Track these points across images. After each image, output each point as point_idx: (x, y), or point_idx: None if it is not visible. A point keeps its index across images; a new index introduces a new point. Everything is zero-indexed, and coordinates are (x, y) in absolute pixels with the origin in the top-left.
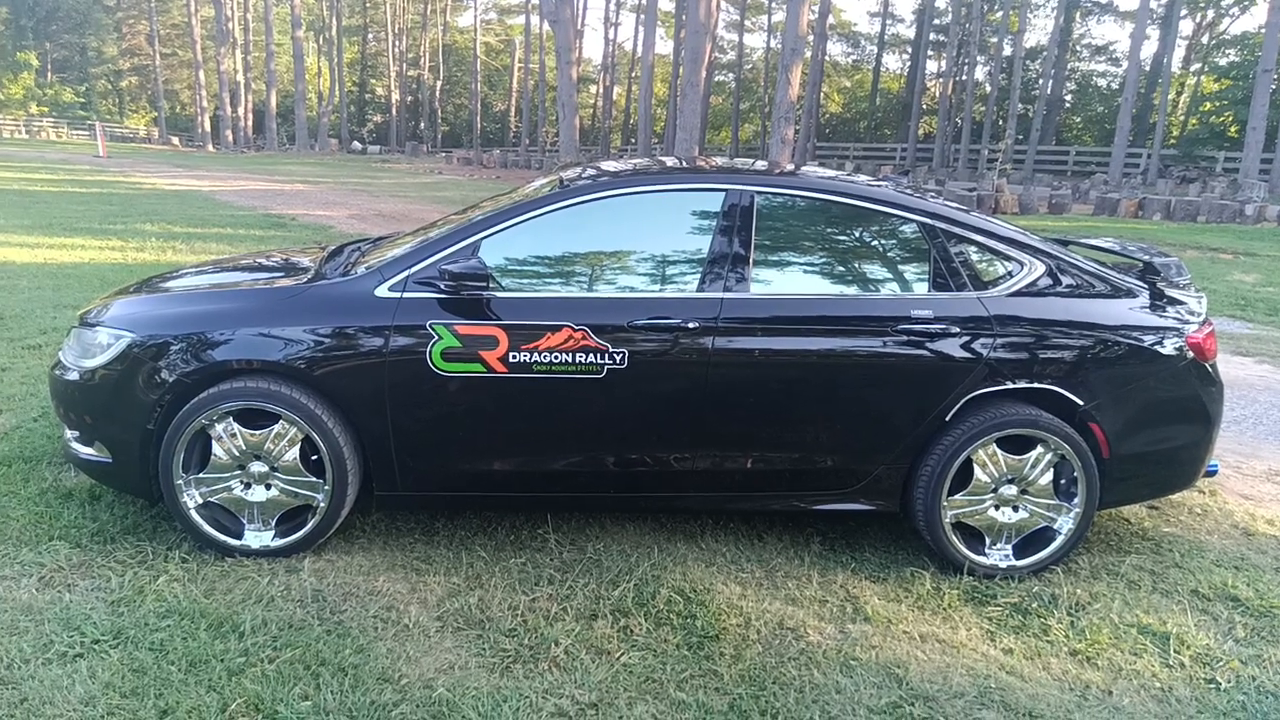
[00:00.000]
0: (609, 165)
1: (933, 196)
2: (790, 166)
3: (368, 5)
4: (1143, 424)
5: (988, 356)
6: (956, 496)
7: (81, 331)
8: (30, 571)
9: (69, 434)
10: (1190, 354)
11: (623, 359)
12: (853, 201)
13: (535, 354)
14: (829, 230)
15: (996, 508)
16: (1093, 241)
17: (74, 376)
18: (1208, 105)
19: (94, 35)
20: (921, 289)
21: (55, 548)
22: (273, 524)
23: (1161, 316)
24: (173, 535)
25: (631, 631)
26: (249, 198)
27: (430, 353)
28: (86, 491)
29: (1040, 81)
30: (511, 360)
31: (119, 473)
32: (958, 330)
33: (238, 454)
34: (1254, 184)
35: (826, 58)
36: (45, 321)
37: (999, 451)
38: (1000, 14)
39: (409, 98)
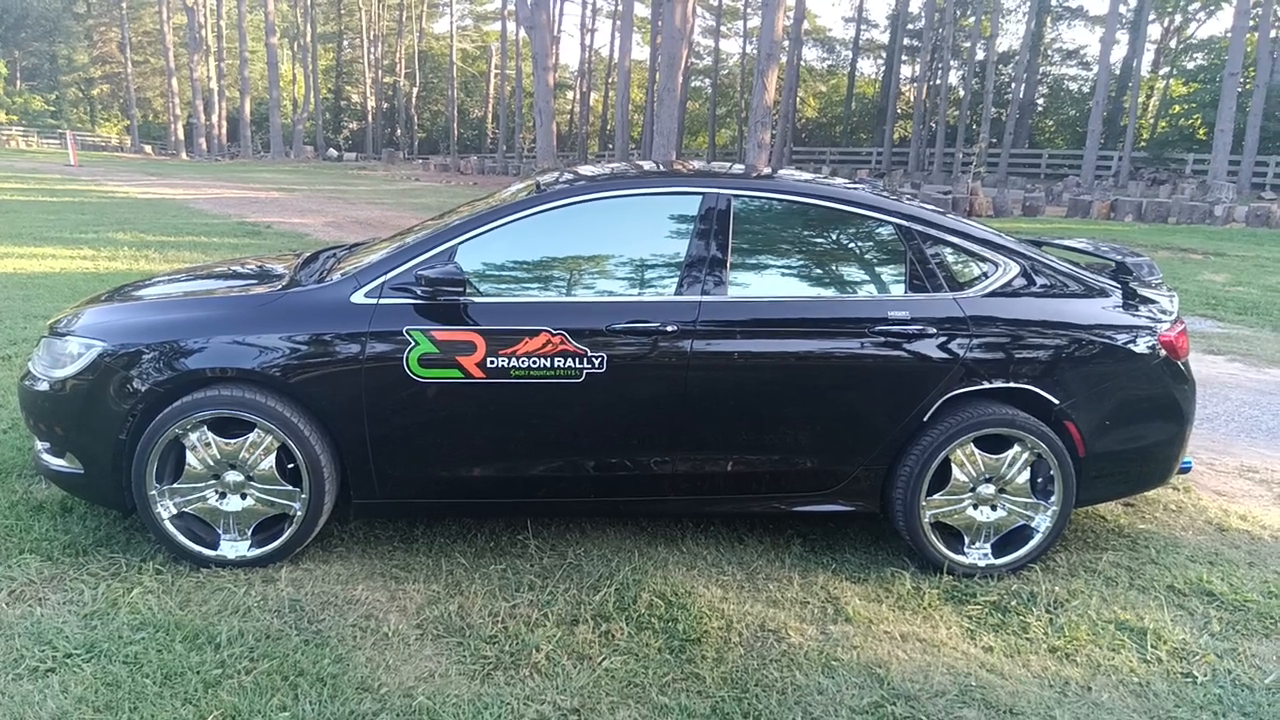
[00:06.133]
0: (586, 170)
1: (908, 199)
2: (767, 170)
3: (342, 12)
4: (1117, 422)
5: (964, 357)
6: (935, 496)
7: (51, 341)
8: (0, 586)
9: (39, 445)
10: (1163, 352)
11: (601, 363)
12: (829, 204)
13: (513, 359)
14: (806, 233)
15: (975, 507)
16: (1066, 242)
17: (44, 387)
18: (1177, 108)
19: (64, 43)
20: (898, 290)
21: (26, 561)
22: (249, 534)
23: (1134, 315)
24: (147, 547)
25: (613, 636)
26: (223, 205)
27: (407, 359)
28: (58, 503)
29: (1013, 85)
30: (489, 365)
31: (91, 484)
32: (934, 331)
33: (212, 463)
34: (1223, 185)
35: (802, 63)
36: (15, 332)
37: (977, 451)
38: (973, 19)
39: (385, 104)
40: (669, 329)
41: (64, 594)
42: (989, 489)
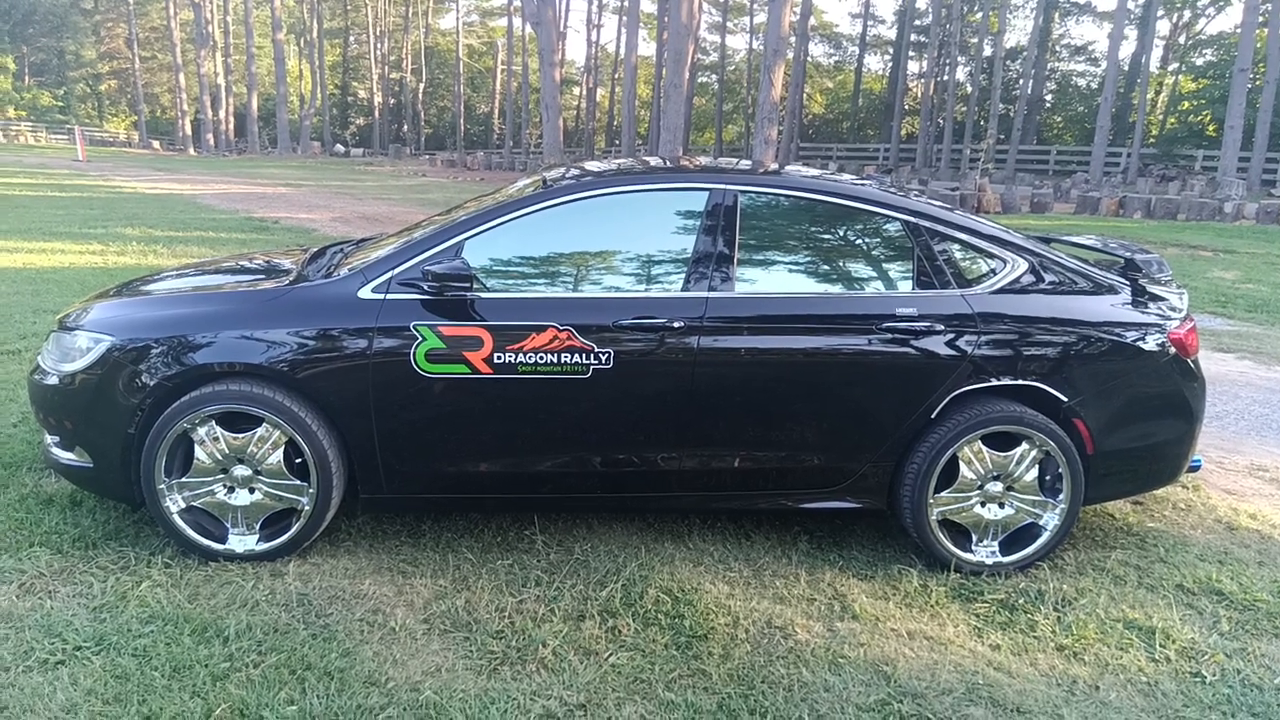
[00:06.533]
0: (592, 165)
1: (916, 195)
2: (774, 166)
3: (349, 7)
4: (1126, 420)
5: (972, 354)
6: (943, 494)
7: (61, 335)
8: (10, 578)
9: (49, 439)
10: (1172, 350)
11: (608, 359)
12: (837, 200)
13: (520, 355)
14: (813, 229)
15: (982, 504)
16: (1075, 239)
17: (53, 381)
18: (1186, 104)
19: (72, 38)
20: (906, 287)
21: (36, 554)
22: (257, 528)
23: (1144, 313)
24: (155, 540)
25: (619, 632)
26: (231, 201)
27: (414, 354)
28: (67, 497)
29: (1021, 81)
30: (496, 361)
31: (100, 478)
32: (942, 328)
33: (221, 458)
34: (1232, 182)
35: (809, 59)
36: (24, 326)
37: (984, 448)
38: (980, 15)
39: (391, 100)
40: (676, 325)
41: (73, 587)
42: (997, 486)
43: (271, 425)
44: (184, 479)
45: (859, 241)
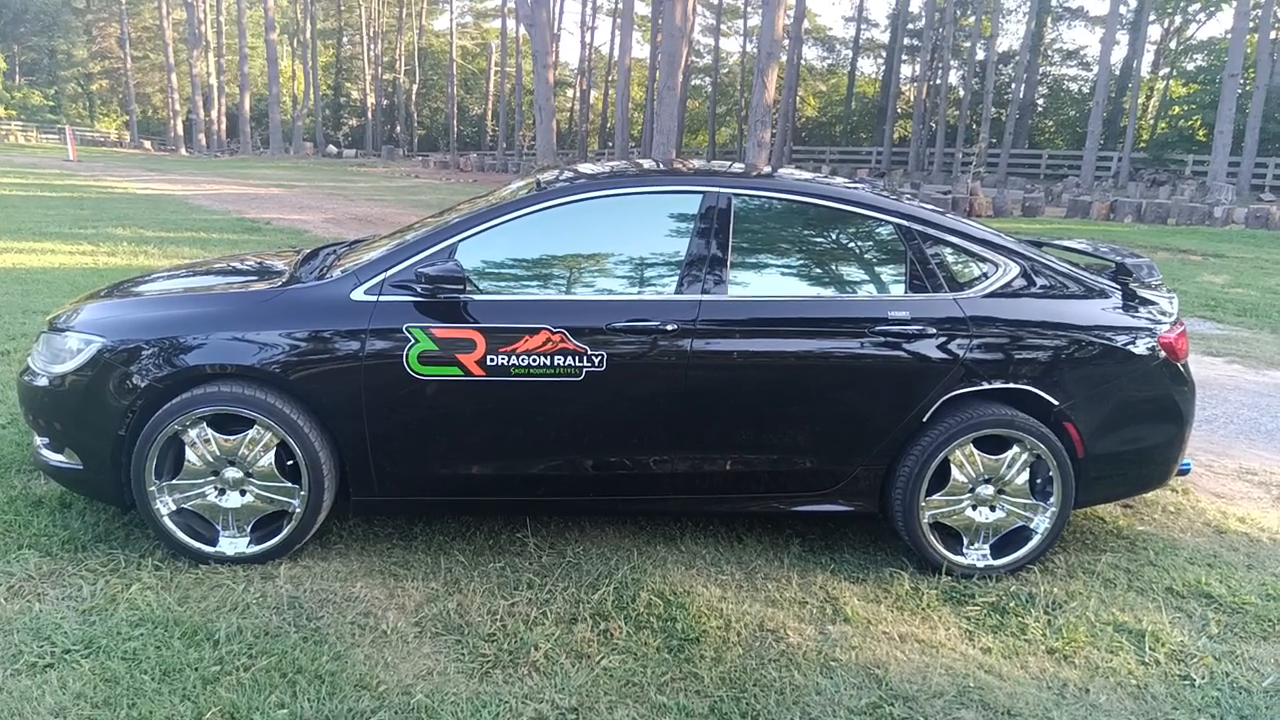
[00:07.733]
0: (586, 168)
1: (908, 199)
2: (767, 169)
3: (342, 8)
4: (1117, 423)
5: (964, 357)
6: (934, 497)
7: (51, 336)
8: None
9: (39, 440)
10: (1162, 354)
11: (601, 362)
12: (829, 203)
13: (513, 357)
14: (806, 232)
15: (974, 508)
16: (1065, 243)
17: (43, 382)
18: (1176, 109)
19: (63, 38)
20: (898, 290)
21: (24, 556)
22: (248, 530)
23: (1134, 317)
24: (146, 543)
25: (611, 635)
26: (223, 202)
27: (407, 356)
28: (57, 499)
29: (1013, 85)
30: (489, 363)
31: (90, 479)
32: (934, 331)
33: (211, 460)
34: (1222, 186)
35: (802, 62)
36: (14, 327)
37: (976, 452)
38: (973, 19)
39: (384, 101)
40: (669, 328)
41: (63, 589)
42: (988, 490)
43: (263, 427)
44: (175, 481)
45: (852, 245)
